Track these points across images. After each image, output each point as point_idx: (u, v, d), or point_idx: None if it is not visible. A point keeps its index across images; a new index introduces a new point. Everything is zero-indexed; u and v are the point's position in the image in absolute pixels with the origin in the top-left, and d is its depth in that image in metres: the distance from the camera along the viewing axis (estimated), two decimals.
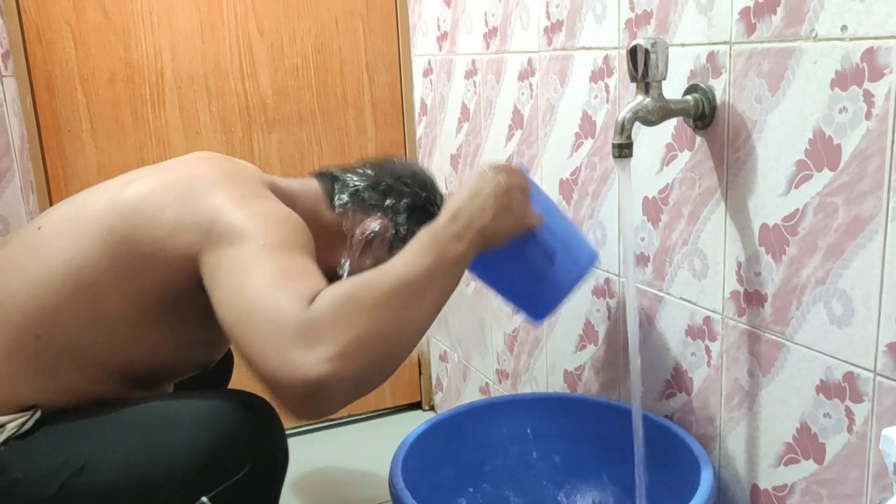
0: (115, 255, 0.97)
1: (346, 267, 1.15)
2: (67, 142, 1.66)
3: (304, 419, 0.78)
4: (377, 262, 0.94)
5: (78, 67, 1.63)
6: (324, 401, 0.76)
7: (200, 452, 0.91)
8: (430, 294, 0.85)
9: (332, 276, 1.11)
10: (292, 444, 1.01)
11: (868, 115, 0.81)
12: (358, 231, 1.14)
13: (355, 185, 1.17)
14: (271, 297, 0.79)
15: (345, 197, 1.16)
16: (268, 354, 0.76)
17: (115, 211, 0.99)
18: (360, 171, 1.19)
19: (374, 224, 1.14)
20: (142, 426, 0.96)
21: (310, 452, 1.83)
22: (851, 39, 0.82)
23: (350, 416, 2.00)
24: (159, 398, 1.01)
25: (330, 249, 1.12)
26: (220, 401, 0.96)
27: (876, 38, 0.79)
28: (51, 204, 1.65)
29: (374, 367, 0.79)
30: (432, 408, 2.06)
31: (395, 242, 1.14)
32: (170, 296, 0.98)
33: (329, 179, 1.18)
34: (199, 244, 0.92)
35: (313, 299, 0.79)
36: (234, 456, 0.92)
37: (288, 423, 1.83)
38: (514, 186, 0.95)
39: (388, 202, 1.16)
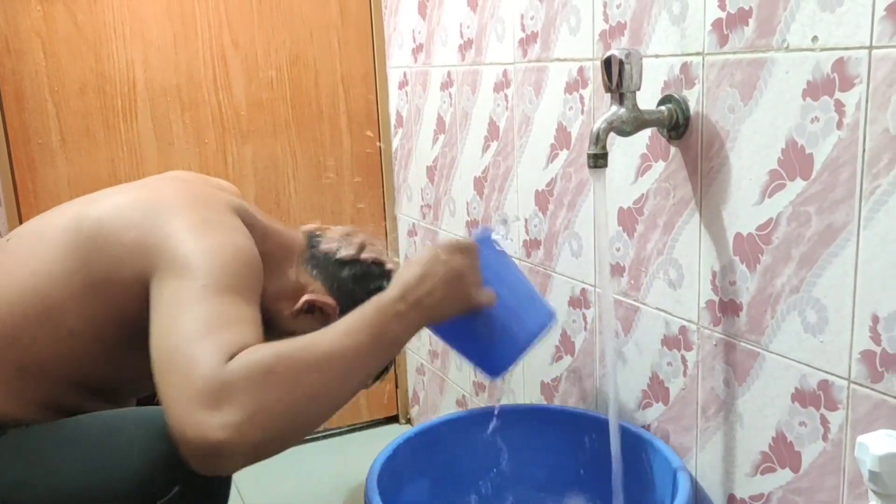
0: (74, 274, 0.95)
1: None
2: (37, 153, 1.63)
3: (203, 472, 0.78)
4: (307, 331, 0.93)
5: (48, 78, 1.61)
6: (220, 463, 0.76)
7: (127, 473, 0.89)
8: (357, 372, 0.84)
9: (273, 319, 1.12)
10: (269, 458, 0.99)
11: (839, 125, 0.82)
12: (307, 296, 1.14)
13: (330, 256, 1.17)
14: (192, 345, 0.78)
15: (314, 261, 1.16)
16: (174, 405, 0.76)
17: (79, 227, 0.97)
18: (342, 243, 1.19)
19: (324, 299, 1.15)
20: (67, 448, 0.93)
21: (285, 467, 1.81)
22: (822, 50, 0.83)
23: (326, 430, 1.98)
24: (93, 417, 0.98)
25: (278, 299, 1.12)
26: (154, 419, 0.91)
27: (846, 48, 0.80)
28: (19, 217, 1.62)
29: (277, 439, 0.79)
30: (409, 421, 2.05)
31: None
32: (127, 316, 0.95)
33: (313, 239, 1.19)
34: (150, 269, 0.90)
35: (234, 355, 0.77)
36: (162, 477, 0.89)
37: None
38: (467, 269, 0.95)
39: (348, 286, 1.16)
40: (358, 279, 1.17)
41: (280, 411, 0.76)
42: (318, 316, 1.15)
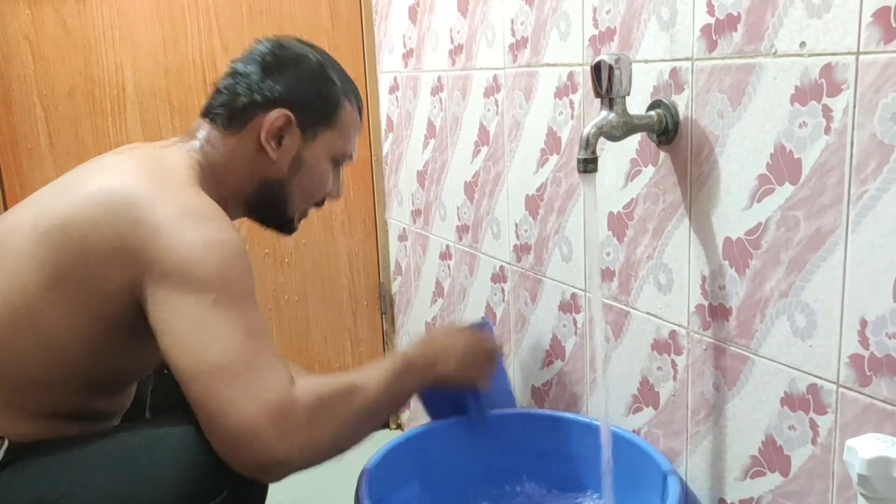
0: (51, 281, 0.92)
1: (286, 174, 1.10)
2: (25, 158, 1.62)
3: (245, 476, 0.88)
4: (300, 154, 1.10)
5: (36, 82, 1.61)
6: (269, 474, 0.88)
7: (176, 481, 0.89)
8: (384, 413, 1.03)
9: (272, 188, 1.10)
10: None
11: (827, 130, 0.82)
12: (262, 136, 1.06)
13: (233, 92, 1.08)
14: (249, 360, 0.86)
15: (229, 108, 1.07)
16: (238, 416, 0.84)
17: (44, 234, 0.92)
18: (235, 71, 1.10)
19: (272, 119, 1.06)
20: (116, 457, 0.92)
21: None
22: (810, 55, 0.83)
23: None
24: (131, 428, 0.99)
25: (256, 172, 1.09)
26: (194, 427, 0.92)
27: (833, 54, 0.81)
28: None
29: (321, 458, 0.92)
30: (399, 426, 2.04)
31: (306, 124, 1.09)
32: (114, 320, 0.94)
33: (212, 107, 1.09)
34: (141, 274, 0.89)
35: (292, 380, 0.88)
36: (210, 482, 0.90)
37: None
38: (484, 353, 1.15)
39: (272, 91, 1.07)
40: (269, 79, 1.08)
41: (332, 440, 0.92)
42: (289, 137, 1.08)
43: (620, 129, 0.98)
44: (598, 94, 0.97)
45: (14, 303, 0.93)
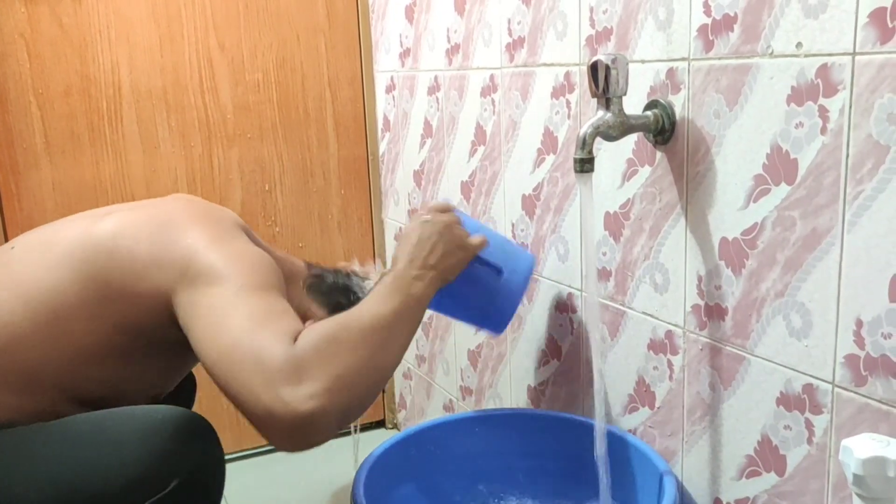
0: (85, 286, 0.97)
1: None
2: (21, 157, 1.62)
3: (294, 451, 0.84)
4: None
5: (32, 81, 1.60)
6: (313, 434, 0.81)
7: (126, 467, 0.90)
8: (401, 331, 0.93)
9: None
10: (256, 463, 1.00)
11: (823, 130, 0.82)
12: (311, 321, 1.17)
13: (329, 282, 1.24)
14: (255, 336, 0.84)
15: (316, 288, 1.22)
16: (257, 392, 0.80)
17: (89, 242, 0.99)
18: (338, 275, 1.28)
19: (321, 314, 1.19)
20: (68, 442, 0.94)
21: (273, 472, 1.80)
22: (806, 56, 0.83)
23: None
24: (84, 416, 0.99)
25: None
26: (150, 416, 0.95)
27: (830, 54, 0.81)
28: (3, 221, 1.61)
29: (356, 400, 0.85)
30: (395, 426, 2.04)
31: None
32: (135, 328, 0.98)
33: (315, 269, 1.26)
34: (173, 282, 0.93)
35: (296, 338, 0.83)
36: (161, 470, 0.91)
37: (250, 442, 1.79)
38: (453, 222, 1.06)
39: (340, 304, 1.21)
40: (345, 296, 1.23)
41: (352, 374, 0.84)
42: None
43: (617, 129, 0.98)
44: (594, 93, 0.97)
45: (42, 293, 0.97)
